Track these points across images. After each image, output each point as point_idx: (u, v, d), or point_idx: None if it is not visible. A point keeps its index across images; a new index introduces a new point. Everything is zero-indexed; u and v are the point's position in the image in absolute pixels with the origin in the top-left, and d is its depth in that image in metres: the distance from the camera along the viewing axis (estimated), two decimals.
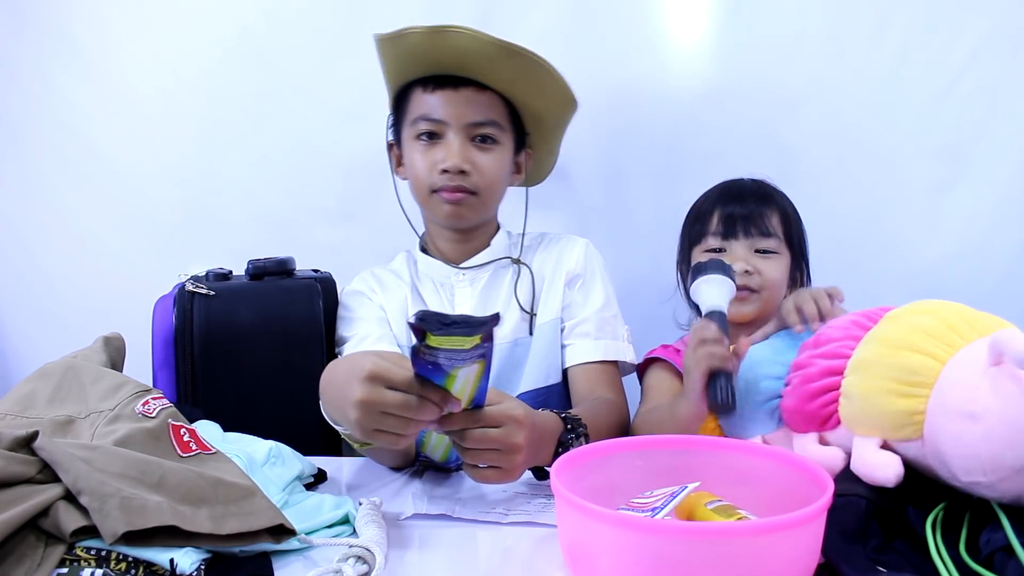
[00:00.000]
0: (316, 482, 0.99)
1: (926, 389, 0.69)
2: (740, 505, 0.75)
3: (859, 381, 0.76)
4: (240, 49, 1.49)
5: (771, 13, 1.45)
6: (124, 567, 0.67)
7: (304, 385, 1.22)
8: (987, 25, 1.44)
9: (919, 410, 0.69)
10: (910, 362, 0.71)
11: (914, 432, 0.70)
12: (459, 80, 1.16)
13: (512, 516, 0.86)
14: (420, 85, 1.19)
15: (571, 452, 0.79)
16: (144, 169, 1.51)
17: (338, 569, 0.71)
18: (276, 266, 1.28)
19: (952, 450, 0.66)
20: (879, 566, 0.64)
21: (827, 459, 0.78)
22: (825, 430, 0.81)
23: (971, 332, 0.71)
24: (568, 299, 1.23)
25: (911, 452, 0.71)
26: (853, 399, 0.77)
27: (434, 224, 1.27)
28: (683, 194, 1.26)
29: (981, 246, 1.48)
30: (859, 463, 0.73)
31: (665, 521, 0.70)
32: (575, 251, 1.26)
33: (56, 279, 1.54)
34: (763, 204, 1.18)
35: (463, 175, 1.16)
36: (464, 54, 1.13)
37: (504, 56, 1.12)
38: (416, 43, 1.13)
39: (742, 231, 1.16)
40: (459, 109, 1.16)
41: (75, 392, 0.86)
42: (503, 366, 1.21)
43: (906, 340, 0.73)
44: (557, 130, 1.28)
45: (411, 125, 1.19)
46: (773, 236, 1.16)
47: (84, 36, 1.48)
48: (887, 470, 0.70)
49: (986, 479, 0.64)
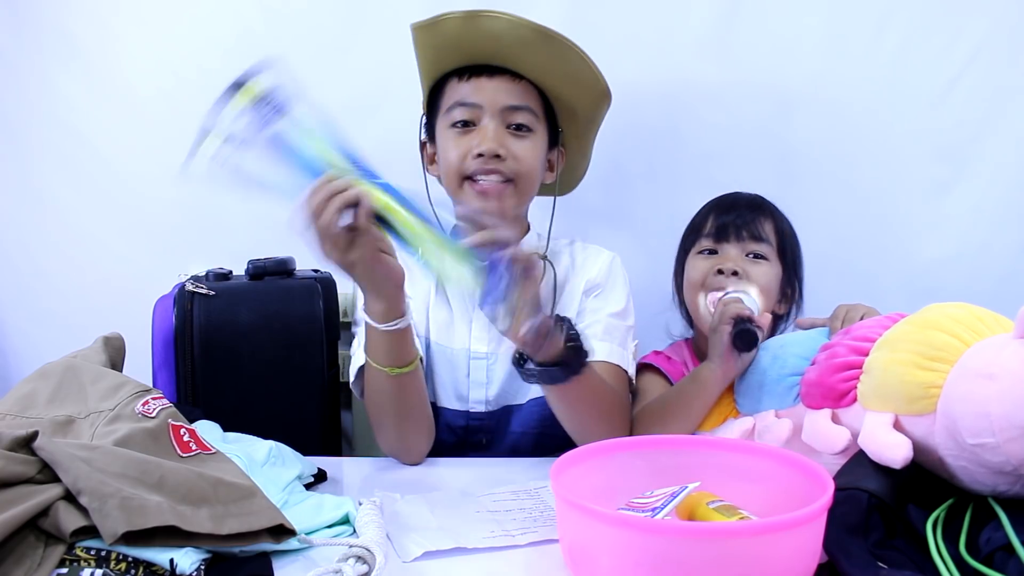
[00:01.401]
0: (316, 482, 0.99)
1: (947, 365, 0.70)
2: (740, 505, 0.75)
3: (882, 356, 0.77)
4: (240, 49, 1.48)
5: (771, 13, 1.45)
6: (124, 567, 0.67)
7: (304, 385, 1.23)
8: (987, 25, 1.44)
9: (937, 383, 0.70)
10: (936, 339, 0.72)
11: (927, 406, 0.70)
12: (494, 69, 1.16)
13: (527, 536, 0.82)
14: (455, 76, 1.18)
15: (571, 452, 0.79)
16: (144, 169, 1.51)
17: (338, 569, 0.71)
18: (276, 266, 1.28)
19: (963, 409, 0.67)
20: (879, 561, 0.64)
21: (833, 436, 0.79)
22: (840, 406, 0.82)
23: (998, 327, 0.73)
24: (583, 305, 1.21)
25: (919, 429, 0.71)
26: (873, 372, 0.78)
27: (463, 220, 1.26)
28: (683, 195, 1.26)
29: (981, 246, 1.48)
30: (869, 440, 0.73)
31: (665, 521, 0.70)
32: (599, 261, 1.24)
33: (56, 279, 1.54)
34: (756, 212, 1.18)
35: (498, 159, 1.14)
36: (499, 40, 1.12)
37: (539, 40, 1.12)
38: (451, 29, 1.13)
39: (734, 235, 1.16)
40: (494, 95, 1.15)
41: (75, 392, 0.86)
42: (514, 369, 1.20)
43: (935, 322, 0.74)
44: (590, 127, 1.27)
45: (445, 114, 1.18)
46: (765, 242, 1.16)
47: (84, 36, 1.48)
48: (896, 451, 0.70)
49: (993, 439, 0.65)
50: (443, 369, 1.20)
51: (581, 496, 0.67)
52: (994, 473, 0.67)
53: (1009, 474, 0.66)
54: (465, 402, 1.20)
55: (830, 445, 0.80)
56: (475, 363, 1.20)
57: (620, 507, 0.75)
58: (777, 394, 0.93)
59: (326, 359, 1.25)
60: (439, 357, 1.21)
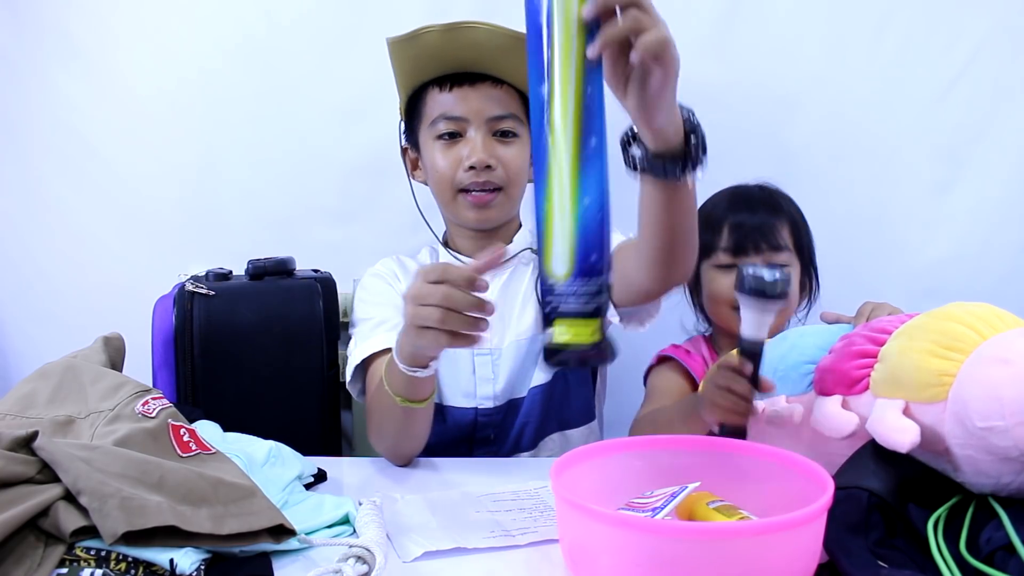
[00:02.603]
0: (316, 482, 0.99)
1: (962, 355, 0.70)
2: (740, 505, 0.75)
3: (898, 344, 0.77)
4: (240, 50, 1.49)
5: (771, 13, 1.45)
6: (124, 567, 0.67)
7: (304, 385, 1.23)
8: (987, 25, 1.44)
9: (950, 372, 0.70)
10: (954, 330, 0.72)
11: (939, 394, 0.70)
12: (475, 76, 1.16)
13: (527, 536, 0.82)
14: (435, 85, 1.19)
15: (570, 452, 0.78)
16: (144, 169, 1.51)
17: (338, 569, 0.71)
18: (276, 266, 1.28)
19: (975, 393, 0.67)
20: (880, 561, 0.64)
21: (842, 421, 0.79)
22: (851, 393, 0.81)
23: (1018, 326, 0.72)
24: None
25: (928, 417, 0.71)
26: (888, 360, 0.77)
27: (455, 224, 1.27)
28: None
29: (981, 246, 1.48)
30: (877, 424, 0.73)
31: (665, 521, 0.70)
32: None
33: (56, 279, 1.54)
34: (774, 216, 1.18)
35: (489, 170, 1.16)
36: (480, 49, 1.13)
37: (520, 47, 1.11)
38: (431, 42, 1.13)
39: (752, 248, 1.15)
40: (479, 105, 1.16)
41: (75, 392, 0.86)
42: (520, 362, 1.21)
43: (954, 314, 0.74)
44: None
45: (430, 126, 1.19)
46: (784, 249, 1.16)
47: (84, 36, 1.48)
48: (903, 435, 0.70)
49: (1003, 423, 0.65)
50: (447, 370, 1.21)
51: (581, 496, 0.67)
52: (1000, 460, 0.67)
53: (1015, 460, 0.66)
54: (473, 399, 1.20)
55: (837, 429, 0.79)
56: (480, 359, 1.20)
57: (620, 507, 0.75)
58: (791, 380, 0.90)
59: (326, 359, 1.25)
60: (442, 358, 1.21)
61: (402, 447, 1.06)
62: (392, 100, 1.46)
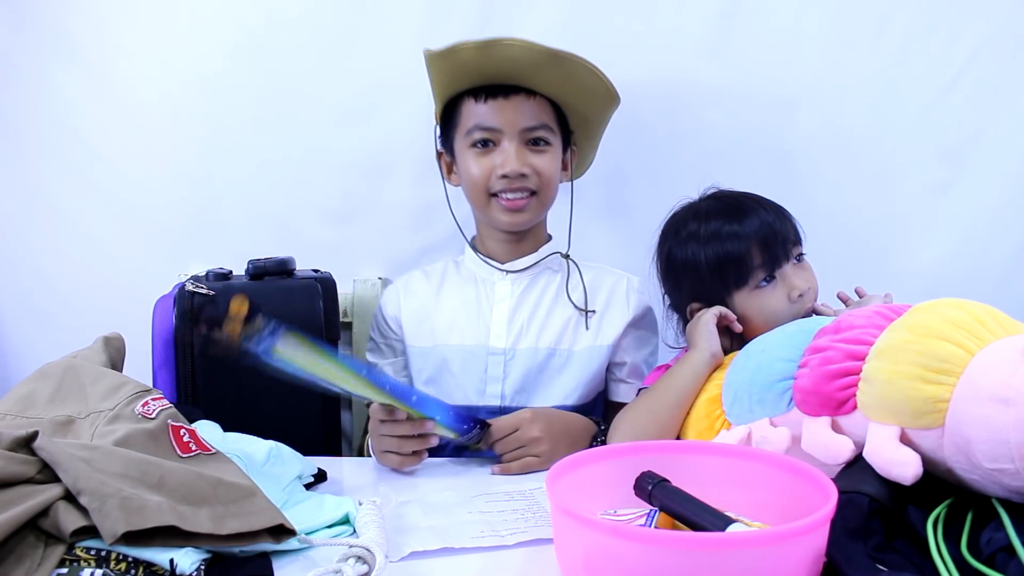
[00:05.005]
0: (316, 482, 0.99)
1: (953, 377, 0.69)
2: (739, 510, 0.73)
3: (883, 366, 0.75)
4: (240, 50, 1.48)
5: (771, 13, 1.45)
6: (124, 567, 0.67)
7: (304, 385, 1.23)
8: (987, 25, 1.43)
9: (944, 398, 0.69)
10: (939, 350, 0.70)
11: (935, 420, 0.69)
12: (508, 88, 1.20)
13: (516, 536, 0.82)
14: (470, 95, 1.22)
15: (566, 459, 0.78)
16: (144, 169, 1.51)
17: (338, 569, 0.71)
18: (276, 266, 1.28)
19: (979, 435, 0.66)
20: (879, 564, 0.64)
21: (837, 446, 0.77)
22: (839, 414, 0.79)
23: (1000, 329, 0.71)
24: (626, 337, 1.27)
25: (927, 442, 0.70)
26: (875, 384, 0.75)
27: (486, 226, 1.30)
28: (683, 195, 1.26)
29: (981, 246, 1.48)
30: (876, 455, 0.72)
31: (665, 532, 0.69)
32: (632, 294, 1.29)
33: (56, 279, 1.54)
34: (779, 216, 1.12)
35: (522, 178, 1.20)
36: (514, 64, 1.16)
37: (552, 62, 1.16)
38: (467, 58, 1.16)
39: (783, 254, 1.09)
40: (512, 117, 1.20)
41: (75, 392, 0.86)
42: (535, 369, 1.23)
43: (935, 329, 0.72)
44: (600, 126, 1.33)
45: (465, 135, 1.23)
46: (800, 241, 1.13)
47: (84, 36, 1.48)
48: (906, 468, 0.69)
49: (1013, 466, 0.64)
50: (457, 367, 1.23)
51: (576, 503, 0.66)
52: (1010, 492, 0.67)
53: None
54: (482, 396, 1.23)
55: (833, 456, 0.78)
56: (493, 359, 1.23)
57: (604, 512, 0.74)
58: (769, 402, 0.88)
59: None
60: (452, 357, 1.23)
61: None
62: (393, 100, 1.46)
